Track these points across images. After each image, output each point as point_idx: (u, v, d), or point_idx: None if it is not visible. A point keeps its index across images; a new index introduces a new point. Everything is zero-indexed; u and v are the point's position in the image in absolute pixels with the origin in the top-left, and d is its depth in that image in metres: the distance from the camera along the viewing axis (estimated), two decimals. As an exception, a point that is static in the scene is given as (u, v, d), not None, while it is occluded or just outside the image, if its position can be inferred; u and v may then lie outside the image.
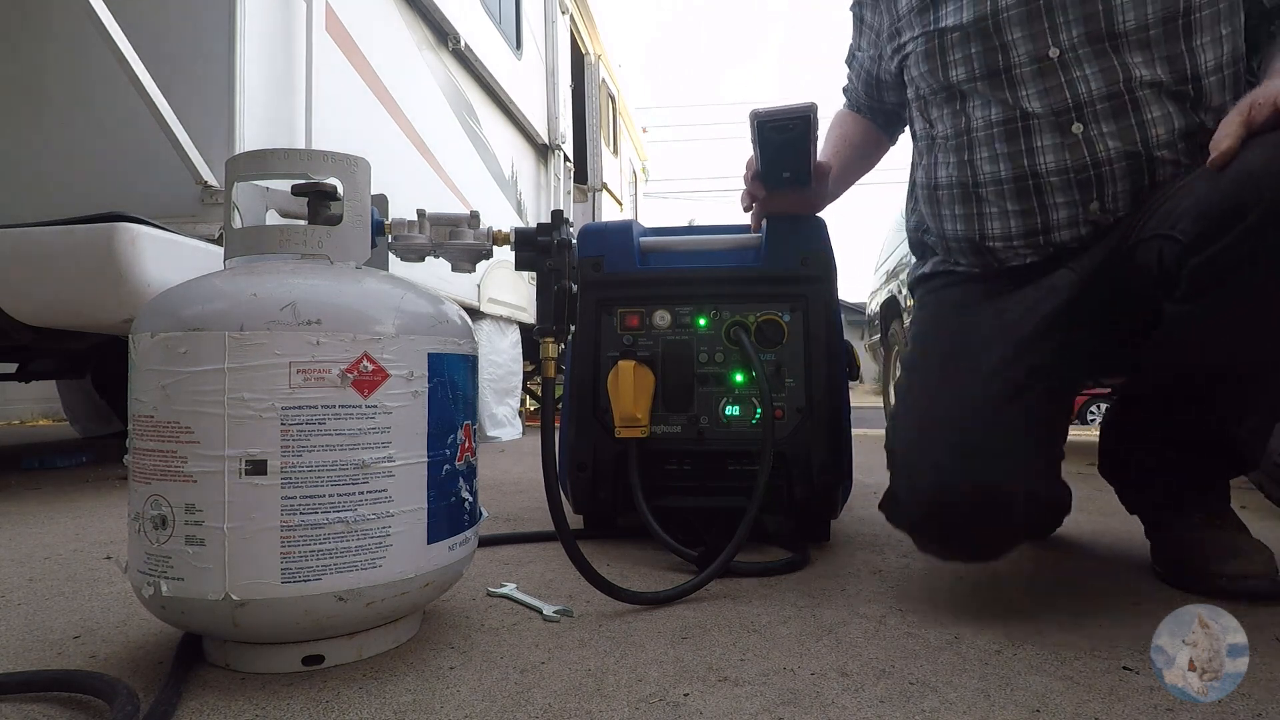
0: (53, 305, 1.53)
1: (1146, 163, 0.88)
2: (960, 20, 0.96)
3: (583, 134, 5.21)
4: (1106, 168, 0.90)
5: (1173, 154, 0.88)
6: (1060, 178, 0.93)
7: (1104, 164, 0.90)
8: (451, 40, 2.90)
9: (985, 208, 0.99)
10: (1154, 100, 0.88)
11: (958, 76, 0.99)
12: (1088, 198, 0.92)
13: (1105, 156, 0.90)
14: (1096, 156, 0.90)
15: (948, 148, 1.01)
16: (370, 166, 0.75)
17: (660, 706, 0.61)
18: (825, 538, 1.23)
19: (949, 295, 1.06)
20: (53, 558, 1.13)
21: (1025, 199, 0.95)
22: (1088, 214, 0.92)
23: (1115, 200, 0.91)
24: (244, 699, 0.62)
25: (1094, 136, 0.90)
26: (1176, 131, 0.88)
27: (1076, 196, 0.92)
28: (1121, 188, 0.90)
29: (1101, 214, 0.92)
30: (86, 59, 1.80)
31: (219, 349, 0.62)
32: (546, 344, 0.83)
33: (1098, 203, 0.91)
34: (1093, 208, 0.92)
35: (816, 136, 1.02)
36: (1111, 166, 0.90)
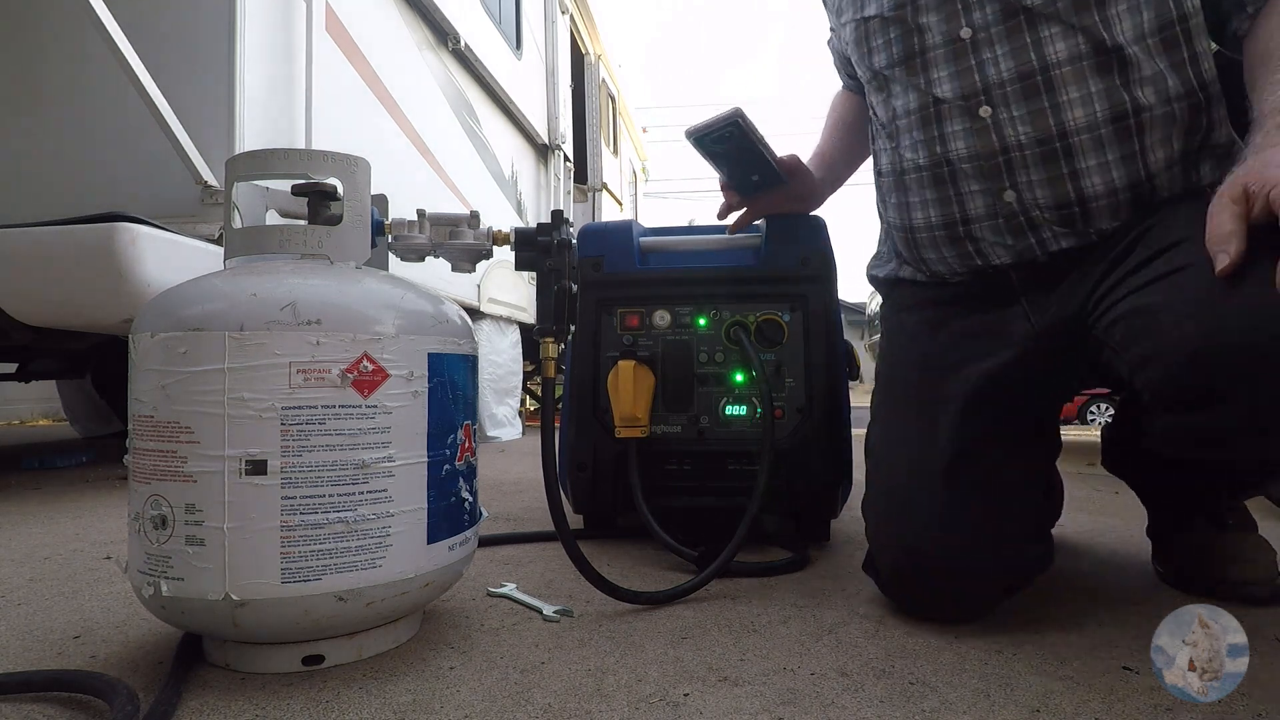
0: (53, 305, 1.53)
1: (1062, 149, 0.82)
2: (881, 7, 0.94)
3: (583, 134, 5.21)
4: (1017, 153, 0.84)
5: (1094, 139, 0.81)
6: (972, 164, 0.87)
7: (1014, 149, 0.84)
8: (451, 40, 2.90)
9: (910, 196, 0.95)
10: (1072, 79, 0.81)
11: (880, 63, 0.96)
12: (999, 185, 0.86)
13: (1015, 142, 0.84)
14: (1005, 141, 0.84)
15: (884, 135, 0.99)
16: (370, 166, 0.75)
17: (660, 706, 0.61)
18: (825, 538, 1.23)
19: (905, 324, 1.00)
20: (53, 558, 1.13)
21: (941, 186, 0.91)
22: (1002, 203, 0.86)
23: (1032, 190, 0.84)
24: (244, 699, 0.62)
25: (1003, 120, 0.84)
26: (1100, 115, 0.80)
27: (989, 184, 0.86)
28: (1036, 175, 0.84)
29: (1019, 204, 0.85)
30: (86, 59, 1.80)
31: (219, 349, 0.62)
32: (546, 344, 0.83)
33: (1012, 191, 0.85)
34: (1007, 196, 0.86)
35: (760, 136, 0.98)
36: (1023, 152, 0.84)
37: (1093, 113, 0.81)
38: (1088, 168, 0.82)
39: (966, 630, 0.79)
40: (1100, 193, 0.82)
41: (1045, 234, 0.86)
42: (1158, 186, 0.81)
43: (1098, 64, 0.81)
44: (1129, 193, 0.81)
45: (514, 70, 3.65)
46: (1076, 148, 0.82)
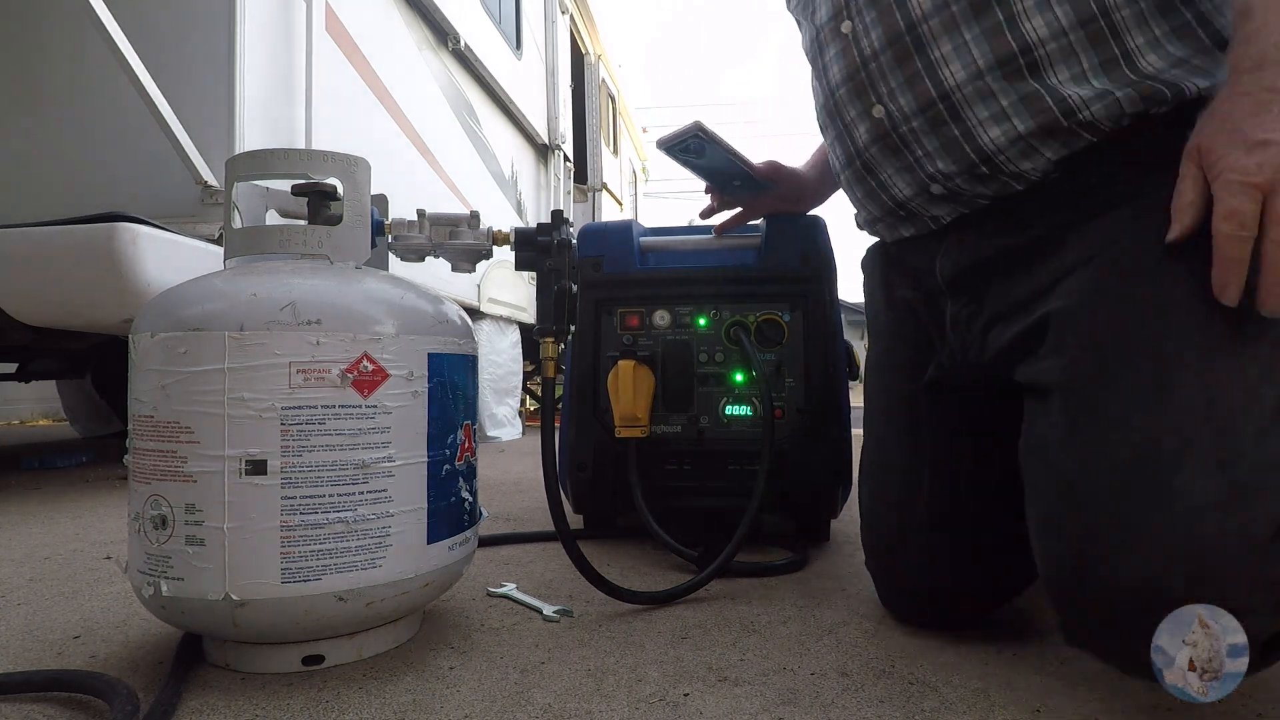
0: (53, 305, 1.53)
1: (912, 43, 0.73)
2: None
3: (583, 134, 5.21)
4: (874, 63, 0.76)
5: (945, 24, 0.70)
6: (845, 87, 0.81)
7: (871, 59, 0.77)
8: (451, 40, 2.90)
9: (826, 139, 0.91)
10: None
11: (791, 6, 0.92)
12: (868, 103, 0.78)
13: (870, 51, 0.77)
14: (864, 53, 0.77)
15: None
16: (370, 166, 0.75)
17: (660, 706, 0.61)
18: (825, 538, 1.23)
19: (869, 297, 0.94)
20: (53, 558, 1.13)
21: (835, 120, 0.84)
22: (874, 120, 0.78)
23: (893, 99, 0.75)
24: (244, 699, 0.62)
25: (859, 31, 0.78)
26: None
27: (861, 105, 0.79)
28: (895, 81, 0.75)
29: (889, 119, 0.76)
30: (86, 59, 1.80)
31: (219, 349, 0.62)
32: (546, 344, 0.83)
33: (880, 106, 0.77)
34: (876, 112, 0.77)
35: (727, 145, 0.99)
36: (878, 60, 0.76)
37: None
38: (942, 56, 0.71)
39: (967, 630, 0.79)
40: (963, 80, 0.70)
41: (918, 151, 0.76)
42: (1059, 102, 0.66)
43: None
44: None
45: (514, 70, 3.65)
46: (926, 37, 0.72)
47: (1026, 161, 0.69)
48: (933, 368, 0.82)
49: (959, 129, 0.71)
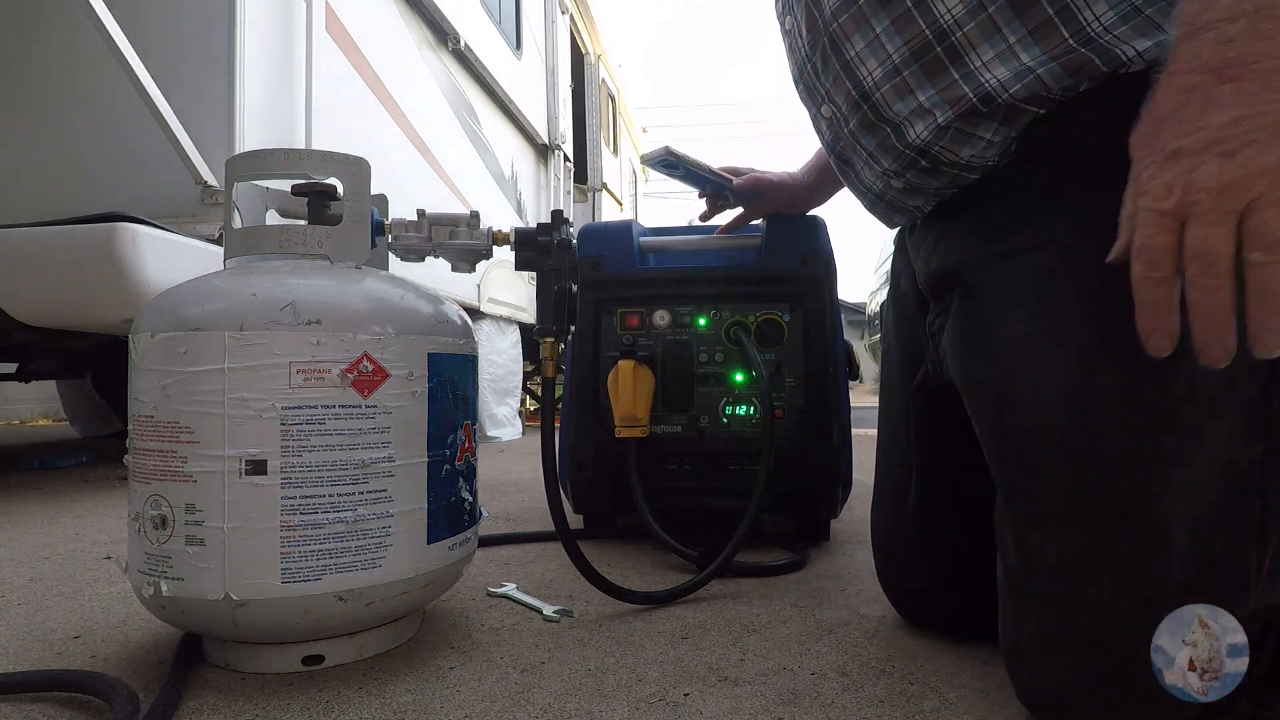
0: (53, 305, 1.53)
1: (829, 43, 0.69)
2: None
3: (583, 134, 5.21)
4: (809, 63, 0.72)
5: (855, 20, 0.65)
6: (799, 85, 0.77)
7: (806, 59, 0.73)
8: (451, 40, 2.90)
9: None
10: None
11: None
12: (818, 101, 0.75)
13: (805, 51, 0.73)
14: (799, 53, 0.74)
15: None
16: (370, 167, 0.75)
17: (660, 706, 0.61)
18: (825, 538, 1.23)
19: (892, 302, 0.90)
20: (53, 558, 1.13)
21: (809, 106, 0.79)
22: (826, 120, 0.75)
23: (831, 99, 0.71)
24: (244, 699, 0.62)
25: (796, 29, 0.74)
26: None
27: (813, 104, 0.76)
28: (827, 83, 0.71)
29: (835, 119, 0.72)
30: (86, 59, 1.80)
31: (219, 349, 0.62)
32: (546, 344, 0.83)
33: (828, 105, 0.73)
34: (825, 111, 0.74)
35: (697, 163, 1.08)
36: (811, 60, 0.72)
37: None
38: (857, 55, 0.67)
39: (967, 630, 0.79)
40: (880, 79, 0.65)
41: (864, 150, 0.72)
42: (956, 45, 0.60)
43: None
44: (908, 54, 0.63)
45: (514, 70, 3.65)
46: (838, 35, 0.68)
47: (966, 149, 0.62)
48: (921, 371, 0.79)
49: (888, 128, 0.66)
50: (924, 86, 0.62)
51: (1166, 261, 0.43)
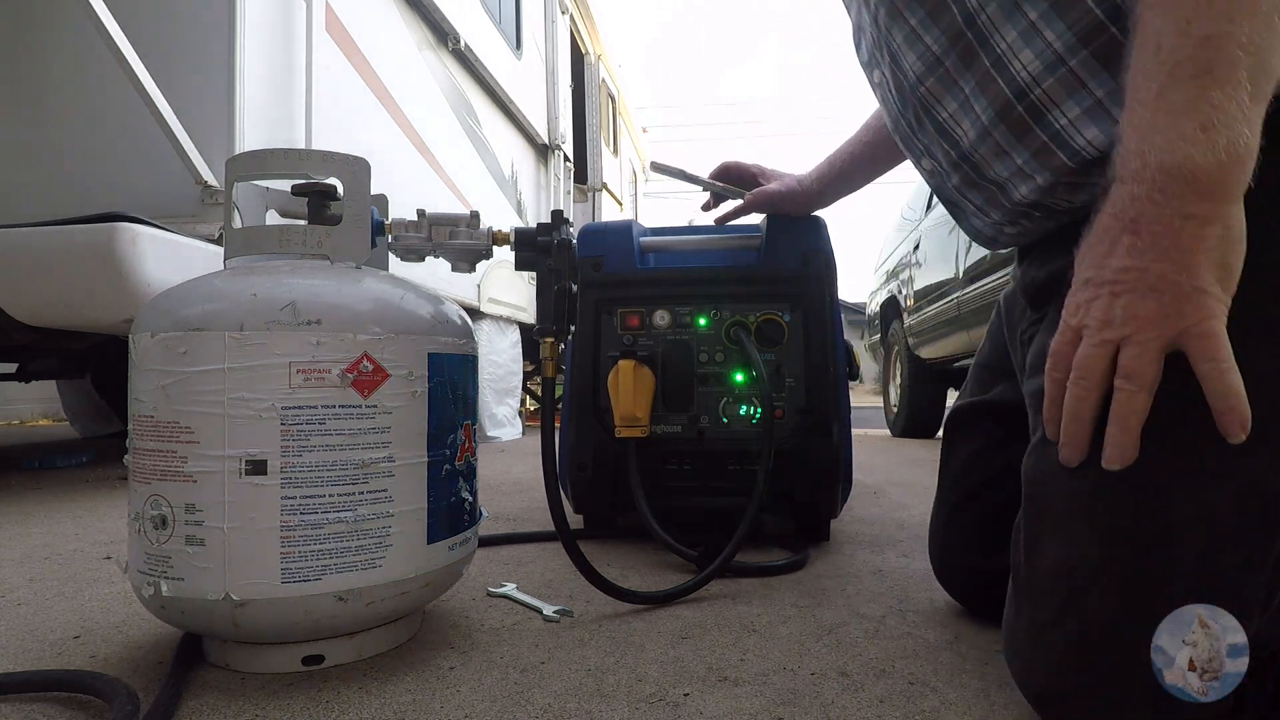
0: (53, 305, 1.53)
1: (920, 105, 0.70)
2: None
3: (583, 134, 5.21)
4: (903, 120, 0.74)
5: (943, 82, 0.66)
6: (896, 135, 0.80)
7: (899, 116, 0.75)
8: (451, 40, 2.90)
9: None
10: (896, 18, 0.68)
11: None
12: (917, 154, 0.76)
13: (897, 108, 0.74)
14: (893, 109, 0.75)
15: None
16: (370, 166, 0.75)
17: (660, 706, 0.61)
18: (825, 538, 1.23)
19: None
20: (53, 558, 1.13)
21: (909, 154, 0.81)
22: (927, 171, 0.77)
23: (930, 154, 0.73)
24: (244, 699, 0.62)
25: (885, 85, 0.75)
26: (929, 56, 0.67)
27: (913, 155, 0.78)
28: (923, 141, 0.73)
29: (936, 173, 0.75)
30: (86, 59, 1.80)
31: (219, 349, 0.62)
32: (546, 344, 0.83)
33: (927, 159, 0.75)
34: (925, 164, 0.76)
35: (682, 173, 1.23)
36: (905, 118, 0.73)
37: (926, 55, 0.67)
38: (950, 116, 0.68)
39: (966, 630, 0.79)
40: (975, 140, 0.67)
41: (969, 206, 0.74)
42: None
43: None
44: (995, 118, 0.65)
45: (514, 70, 3.65)
46: (928, 99, 0.69)
47: (1080, 195, 0.62)
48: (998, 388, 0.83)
49: (993, 186, 0.67)
50: (1016, 148, 0.63)
51: (1065, 367, 0.52)
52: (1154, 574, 0.50)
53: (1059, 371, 0.53)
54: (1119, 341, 0.48)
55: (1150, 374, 0.48)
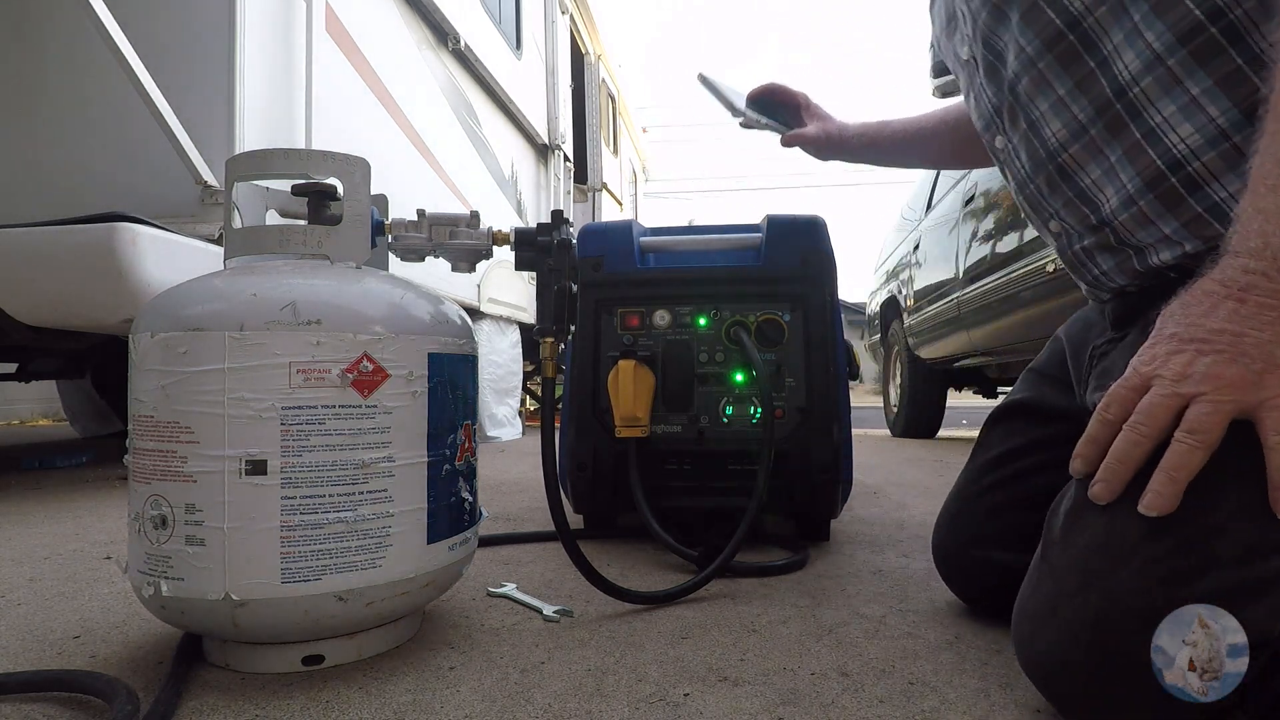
0: (53, 305, 1.53)
1: (1057, 172, 0.72)
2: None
3: (583, 134, 5.21)
4: (1031, 185, 0.76)
5: (1088, 150, 0.68)
6: (1020, 197, 0.80)
7: (1027, 181, 0.77)
8: (451, 40, 2.90)
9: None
10: (1038, 90, 0.70)
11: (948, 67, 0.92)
12: (1045, 217, 0.78)
13: (1025, 173, 0.77)
14: (1019, 174, 0.78)
15: None
16: (370, 166, 0.75)
17: (660, 706, 0.61)
18: (825, 538, 1.23)
19: None
20: (53, 558, 1.13)
21: (1033, 218, 0.82)
22: (1054, 234, 0.78)
23: (1061, 218, 0.74)
24: (244, 699, 0.62)
25: (1011, 151, 0.78)
26: (1074, 124, 0.68)
27: (1039, 219, 0.79)
28: (1056, 204, 0.74)
29: (1066, 235, 0.75)
30: (86, 59, 1.80)
31: (219, 349, 0.62)
32: (546, 344, 0.83)
33: (1055, 221, 0.76)
34: (1053, 226, 0.77)
35: (722, 95, 1.13)
36: (1034, 183, 0.76)
37: (1070, 120, 0.69)
38: (1094, 182, 0.70)
39: (966, 630, 0.79)
40: (1117, 207, 0.68)
41: (1097, 269, 0.73)
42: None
43: (1064, 52, 0.68)
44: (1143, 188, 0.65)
45: (514, 70, 3.65)
46: (1069, 166, 0.71)
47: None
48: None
49: (1130, 250, 0.68)
50: (1165, 218, 0.64)
51: (1121, 411, 0.53)
52: (1190, 564, 0.50)
53: (1111, 413, 0.54)
54: (1191, 397, 0.50)
55: (1216, 434, 0.49)
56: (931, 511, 1.52)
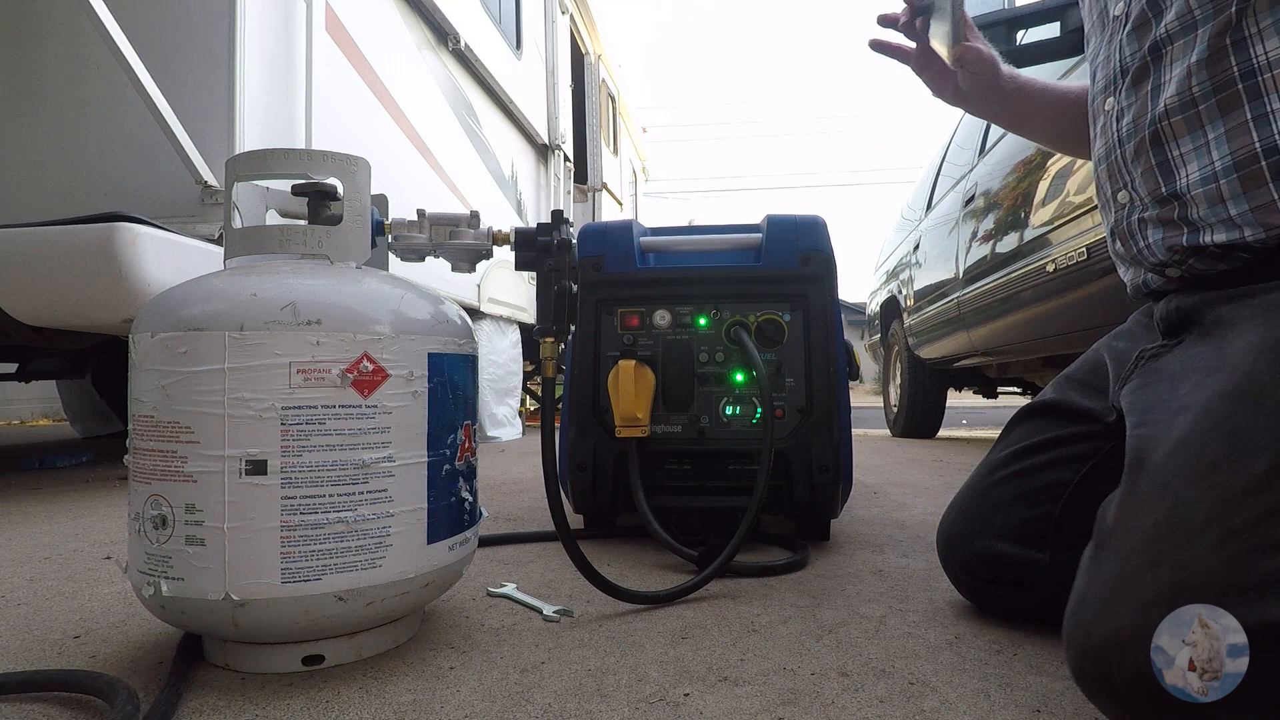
0: (53, 305, 1.53)
1: (1148, 121, 0.72)
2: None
3: (583, 134, 5.21)
4: (1114, 133, 0.76)
5: (1181, 116, 0.68)
6: (1102, 157, 0.79)
7: (1113, 130, 0.76)
8: (451, 40, 2.90)
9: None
10: (1180, 55, 0.69)
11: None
12: (1112, 180, 0.78)
13: (1114, 114, 0.76)
14: (1110, 124, 0.77)
15: None
16: (370, 166, 0.75)
17: (660, 706, 0.61)
18: (825, 538, 1.23)
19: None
20: (53, 558, 1.13)
21: (1107, 186, 0.81)
22: (1115, 199, 0.78)
23: (1128, 169, 0.75)
24: (244, 699, 0.62)
25: (1112, 108, 0.77)
26: (1189, 93, 0.68)
27: (1108, 176, 0.79)
28: (1129, 152, 0.74)
29: (1129, 200, 0.75)
30: (86, 59, 1.80)
31: (219, 349, 0.62)
32: (546, 344, 0.83)
33: (1125, 192, 0.76)
34: (1119, 195, 0.77)
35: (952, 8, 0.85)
36: (1118, 122, 0.75)
37: (1184, 88, 0.68)
38: (1180, 156, 0.70)
39: (967, 630, 0.79)
40: (1195, 182, 0.68)
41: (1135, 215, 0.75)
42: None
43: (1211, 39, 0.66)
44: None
45: (514, 70, 3.65)
46: (1166, 134, 0.70)
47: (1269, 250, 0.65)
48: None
49: (1185, 227, 0.69)
50: (1238, 199, 0.65)
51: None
52: (1264, 540, 0.49)
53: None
54: None
55: None
56: (931, 511, 1.52)
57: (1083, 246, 1.89)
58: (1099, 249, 1.80)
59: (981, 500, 0.85)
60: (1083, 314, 2.06)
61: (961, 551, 0.85)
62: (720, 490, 1.14)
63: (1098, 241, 1.80)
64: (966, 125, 3.36)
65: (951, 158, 3.51)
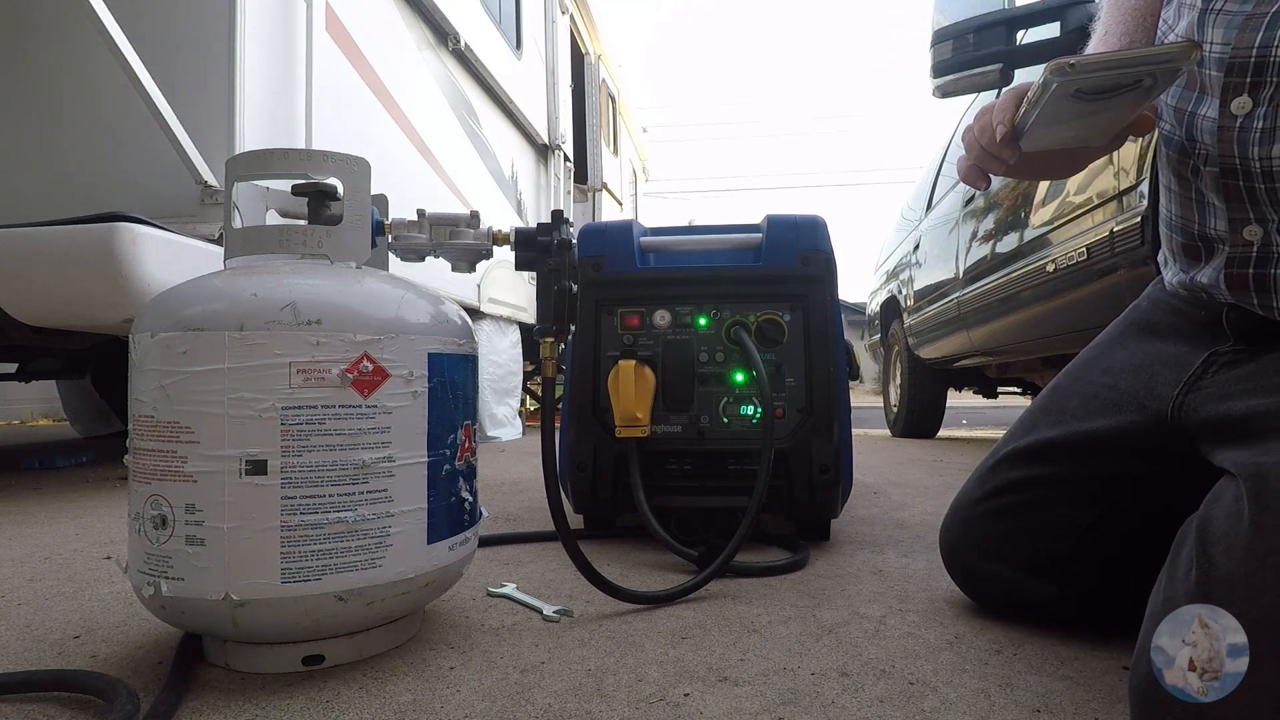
0: (53, 305, 1.53)
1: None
2: None
3: (583, 134, 5.21)
4: (1261, 180, 0.60)
5: None
6: (1211, 170, 0.63)
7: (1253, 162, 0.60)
8: (451, 40, 2.90)
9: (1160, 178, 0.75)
10: None
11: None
12: (1238, 213, 0.62)
13: (1256, 149, 0.59)
14: (1256, 148, 0.61)
15: None
16: (370, 166, 0.75)
17: (660, 706, 0.61)
18: (825, 538, 1.23)
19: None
20: (53, 558, 1.13)
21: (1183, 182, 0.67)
22: (1235, 241, 0.63)
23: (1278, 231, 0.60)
24: (244, 699, 0.62)
25: (1239, 109, 0.60)
26: None
27: (1232, 208, 0.63)
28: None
29: (1268, 250, 0.61)
30: (87, 59, 1.80)
31: (219, 349, 0.62)
32: (546, 344, 0.83)
33: (1257, 227, 0.61)
34: (1249, 233, 0.61)
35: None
36: (1261, 165, 0.59)
37: None
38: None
39: (966, 630, 0.79)
40: None
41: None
42: None
43: None
44: None
45: (514, 70, 3.65)
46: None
47: None
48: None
49: None
50: None
51: None
52: None
53: None
54: None
55: None
56: (931, 511, 1.52)
57: (1083, 246, 1.89)
58: (1099, 249, 1.80)
59: (987, 526, 0.82)
60: (1083, 314, 2.05)
61: (966, 569, 0.86)
62: (720, 490, 1.14)
63: (1098, 241, 1.80)
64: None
65: (951, 158, 3.51)
